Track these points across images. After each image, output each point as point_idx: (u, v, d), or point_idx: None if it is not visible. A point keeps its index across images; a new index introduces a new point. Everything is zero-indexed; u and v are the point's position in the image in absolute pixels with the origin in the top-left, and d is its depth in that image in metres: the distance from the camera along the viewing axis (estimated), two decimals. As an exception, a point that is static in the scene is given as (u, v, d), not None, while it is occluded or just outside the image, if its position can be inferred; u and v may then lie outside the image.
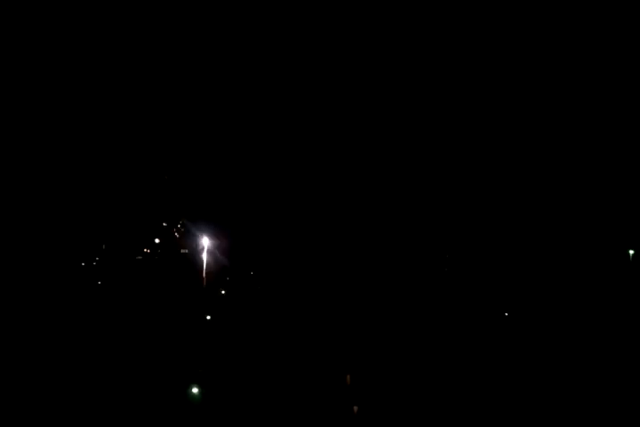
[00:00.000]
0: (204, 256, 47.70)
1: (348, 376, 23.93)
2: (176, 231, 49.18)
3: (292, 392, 22.68)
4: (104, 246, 46.03)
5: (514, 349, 27.99)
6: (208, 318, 34.71)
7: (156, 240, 48.19)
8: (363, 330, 31.66)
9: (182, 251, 48.44)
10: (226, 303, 40.00)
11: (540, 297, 36.76)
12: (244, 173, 45.40)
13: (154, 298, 39.60)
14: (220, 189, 46.41)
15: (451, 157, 40.83)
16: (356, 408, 21.21)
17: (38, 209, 41.56)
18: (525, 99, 39.17)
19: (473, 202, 40.97)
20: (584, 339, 29.59)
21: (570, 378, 24.53)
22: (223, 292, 42.54)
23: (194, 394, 22.37)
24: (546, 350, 27.79)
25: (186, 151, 45.28)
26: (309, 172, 43.77)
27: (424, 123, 40.48)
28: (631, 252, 36.62)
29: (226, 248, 47.72)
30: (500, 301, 37.38)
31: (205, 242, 47.18)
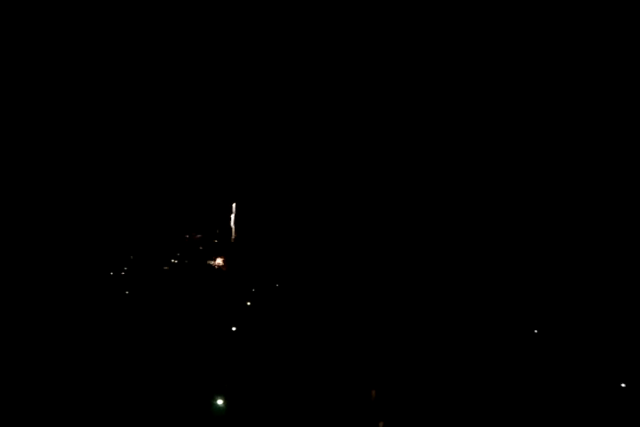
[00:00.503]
0: (231, 267, 47.84)
1: (374, 392, 23.70)
2: (203, 243, 49.44)
3: (318, 407, 22.54)
4: (132, 257, 46.50)
5: (541, 366, 27.54)
6: (233, 329, 34.75)
7: (183, 251, 48.50)
8: (389, 345, 31.42)
9: (209, 262, 48.69)
10: (251, 315, 40.02)
11: (555, 306, 36.27)
12: (270, 187, 45.57)
13: (180, 309, 39.80)
14: (246, 202, 46.61)
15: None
16: (381, 424, 21.00)
17: (68, 220, 42.15)
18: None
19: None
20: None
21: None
22: (249, 303, 42.60)
23: (218, 406, 22.32)
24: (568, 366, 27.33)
25: (213, 164, 45.62)
26: (333, 183, 43.80)
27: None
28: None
29: (252, 260, 47.81)
30: (523, 314, 36.88)
31: (232, 253, 47.32)
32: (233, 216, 47.63)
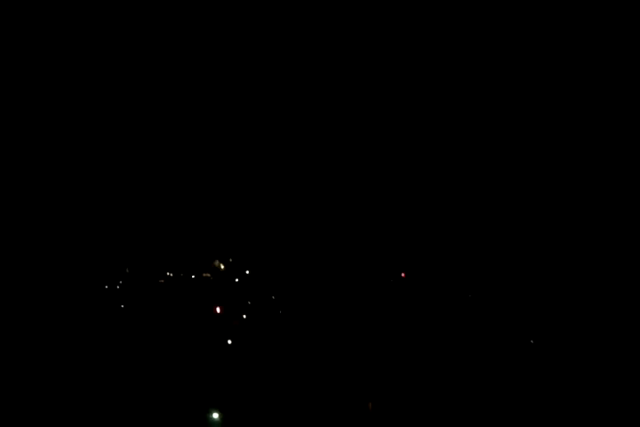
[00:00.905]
0: (227, 280, 47.74)
1: (370, 404, 23.61)
2: (199, 255, 49.36)
3: (314, 420, 22.43)
4: (127, 270, 46.36)
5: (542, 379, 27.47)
6: (229, 342, 34.62)
7: (179, 264, 48.40)
8: (386, 357, 31.35)
9: (204, 275, 48.59)
10: (247, 328, 39.90)
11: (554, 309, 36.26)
12: (269, 201, 45.61)
13: (175, 321, 39.64)
14: (245, 214, 46.65)
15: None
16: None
17: (62, 233, 42.07)
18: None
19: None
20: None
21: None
22: (245, 316, 42.44)
23: (213, 420, 22.20)
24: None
25: (212, 176, 45.68)
26: (331, 191, 43.80)
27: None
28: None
29: (248, 272, 47.74)
30: (523, 328, 36.84)
31: (227, 266, 47.26)
32: (229, 227, 47.65)
